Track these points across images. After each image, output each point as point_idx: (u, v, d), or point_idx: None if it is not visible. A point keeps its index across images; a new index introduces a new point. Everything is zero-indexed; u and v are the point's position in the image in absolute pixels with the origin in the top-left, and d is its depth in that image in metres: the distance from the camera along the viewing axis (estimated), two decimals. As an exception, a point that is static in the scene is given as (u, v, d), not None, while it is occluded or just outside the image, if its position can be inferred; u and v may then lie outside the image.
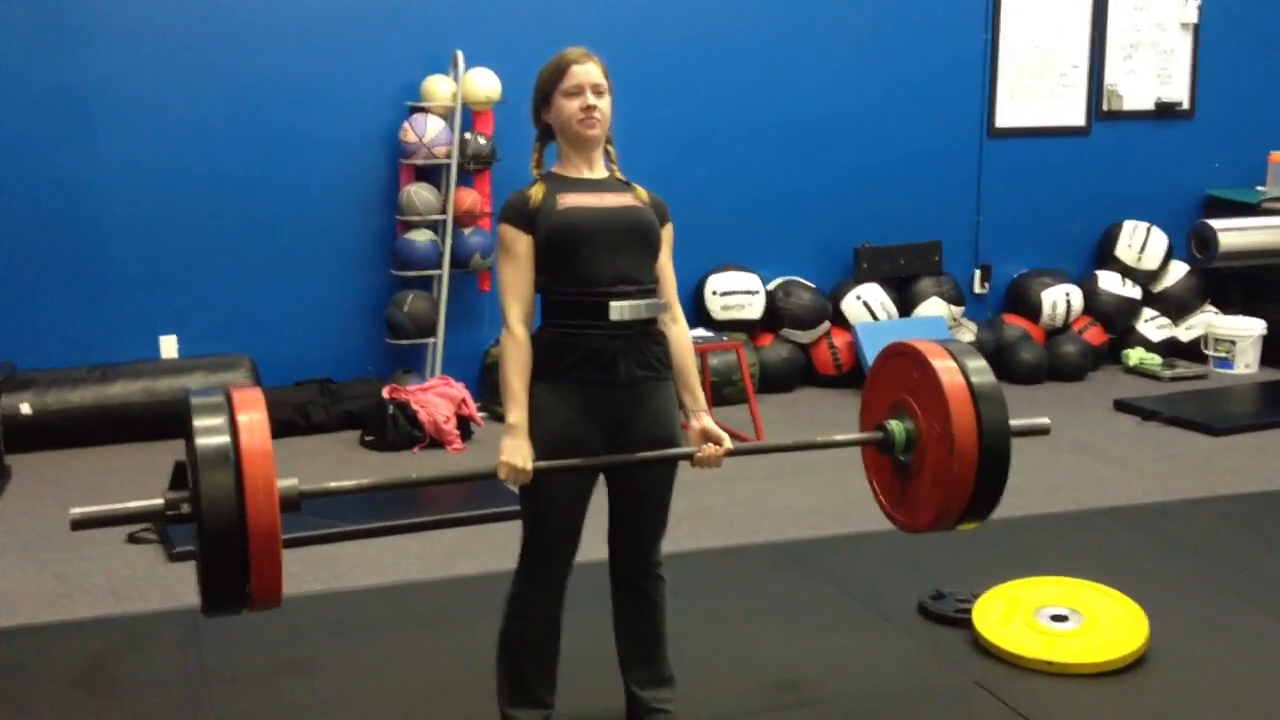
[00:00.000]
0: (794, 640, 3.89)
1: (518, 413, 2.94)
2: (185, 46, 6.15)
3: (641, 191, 3.08)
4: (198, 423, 2.60)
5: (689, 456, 3.05)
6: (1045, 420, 3.30)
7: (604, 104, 3.01)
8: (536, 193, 3.00)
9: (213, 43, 6.18)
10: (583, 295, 2.96)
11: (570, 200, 2.98)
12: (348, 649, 3.85)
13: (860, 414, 3.37)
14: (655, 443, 3.02)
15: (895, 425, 3.15)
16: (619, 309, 2.95)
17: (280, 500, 2.60)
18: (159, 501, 2.66)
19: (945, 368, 3.06)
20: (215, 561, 2.57)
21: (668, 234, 3.11)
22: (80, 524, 2.64)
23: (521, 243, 2.98)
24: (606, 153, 3.09)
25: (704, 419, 3.08)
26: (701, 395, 3.13)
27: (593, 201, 2.99)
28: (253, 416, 2.62)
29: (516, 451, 2.91)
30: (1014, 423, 3.10)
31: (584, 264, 2.95)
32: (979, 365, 3.09)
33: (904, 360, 3.19)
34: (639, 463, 3.02)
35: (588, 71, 3.00)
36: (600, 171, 3.08)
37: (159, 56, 6.13)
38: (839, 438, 3.37)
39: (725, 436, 3.07)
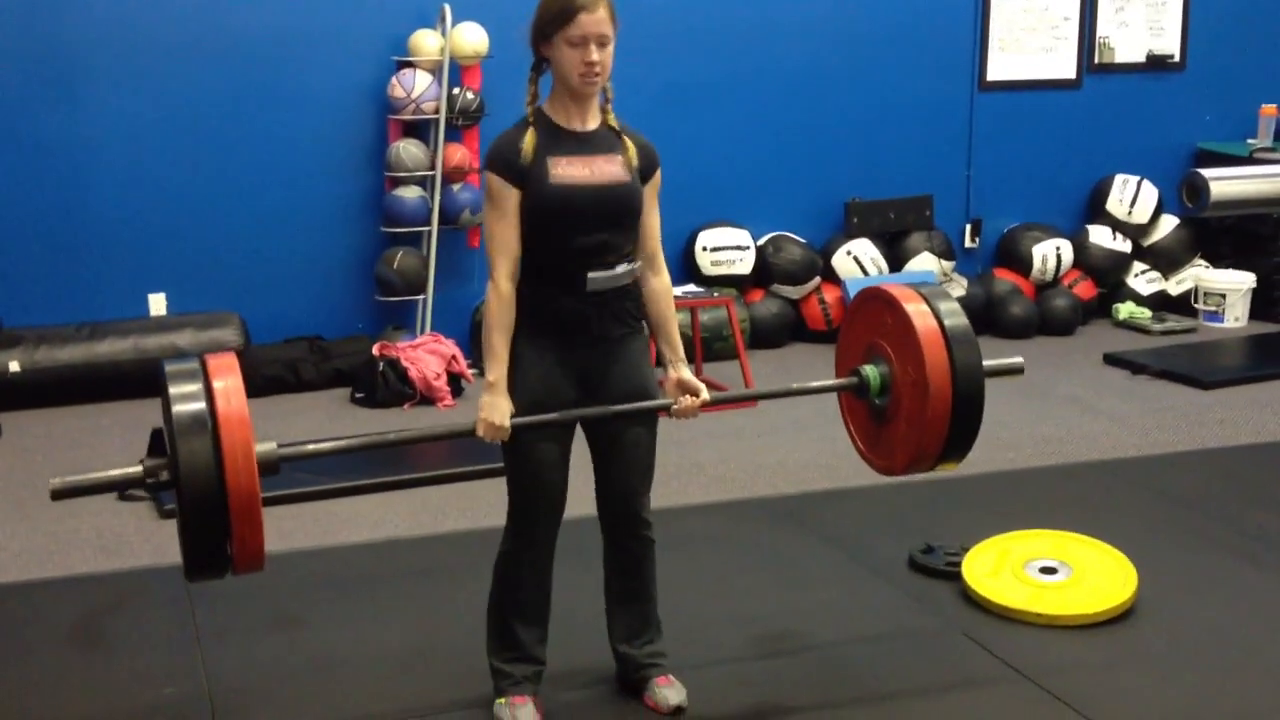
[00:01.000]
0: (784, 593, 3.91)
1: (497, 370, 2.95)
2: (171, 3, 6.09)
3: (631, 146, 3.03)
4: (173, 390, 2.61)
5: (666, 409, 3.06)
6: (1018, 359, 3.31)
7: (607, 55, 2.93)
8: (528, 144, 2.94)
9: (198, -2, 6.14)
10: (562, 262, 2.96)
11: (562, 170, 2.93)
12: (339, 604, 3.87)
13: (836, 359, 3.37)
14: (630, 394, 3.04)
15: (870, 370, 3.16)
16: (595, 280, 2.97)
17: (259, 464, 2.61)
18: (138, 469, 2.67)
19: (917, 310, 3.06)
20: (196, 527, 2.58)
21: (655, 182, 3.07)
22: (60, 494, 2.65)
23: (511, 197, 2.95)
24: (602, 90, 3.02)
25: (682, 370, 3.09)
26: (680, 346, 3.12)
27: (583, 174, 2.94)
28: (228, 382, 2.62)
29: (495, 409, 2.92)
30: (987, 363, 3.12)
31: (568, 238, 2.95)
32: (951, 307, 3.09)
33: (877, 304, 3.20)
34: (615, 415, 3.03)
35: (595, 20, 2.89)
36: (593, 119, 3.02)
37: (145, 13, 6.06)
38: (814, 384, 3.37)
39: (702, 387, 3.08)
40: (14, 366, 5.81)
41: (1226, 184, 6.58)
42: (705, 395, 3.07)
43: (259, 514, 2.60)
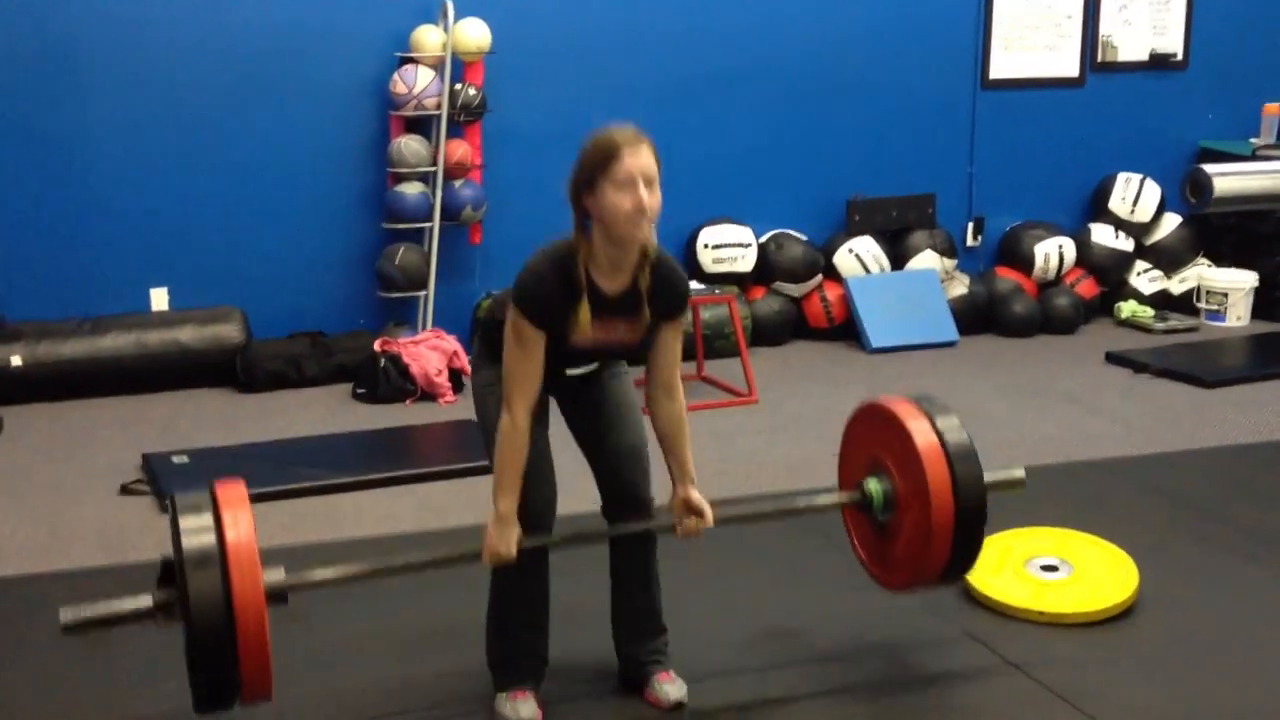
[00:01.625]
0: (785, 590, 3.91)
1: (508, 502, 2.94)
2: (174, -3, 6.11)
3: (648, 311, 2.96)
4: (183, 523, 2.68)
5: (671, 529, 3.12)
6: (1019, 472, 3.37)
7: (655, 197, 2.82)
8: (584, 318, 2.88)
9: (201, -8, 6.13)
10: (552, 366, 2.99)
11: (579, 337, 2.92)
12: (342, 599, 3.85)
13: (838, 470, 3.43)
14: (605, 389, 3.13)
15: (873, 486, 3.22)
16: (572, 375, 3.07)
17: (267, 595, 2.68)
18: (148, 601, 2.76)
19: (919, 427, 3.12)
20: (204, 661, 2.64)
21: (679, 322, 3.04)
22: (71, 628, 2.73)
23: (540, 342, 2.90)
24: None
25: (690, 490, 3.10)
26: (690, 467, 3.13)
27: (599, 336, 2.94)
28: (238, 514, 2.69)
29: (503, 539, 2.95)
30: (988, 477, 3.17)
31: (567, 364, 3.02)
32: (951, 423, 3.15)
33: (879, 419, 3.25)
34: (613, 535, 3.15)
35: (639, 160, 2.78)
36: (627, 274, 2.92)
37: (148, 8, 6.06)
38: (818, 500, 3.41)
39: (708, 510, 3.09)
40: (16, 360, 5.80)
41: (1230, 180, 6.57)
42: (710, 520, 3.09)
43: (267, 647, 2.66)
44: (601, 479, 3.18)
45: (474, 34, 6.25)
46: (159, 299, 6.29)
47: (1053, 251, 7.28)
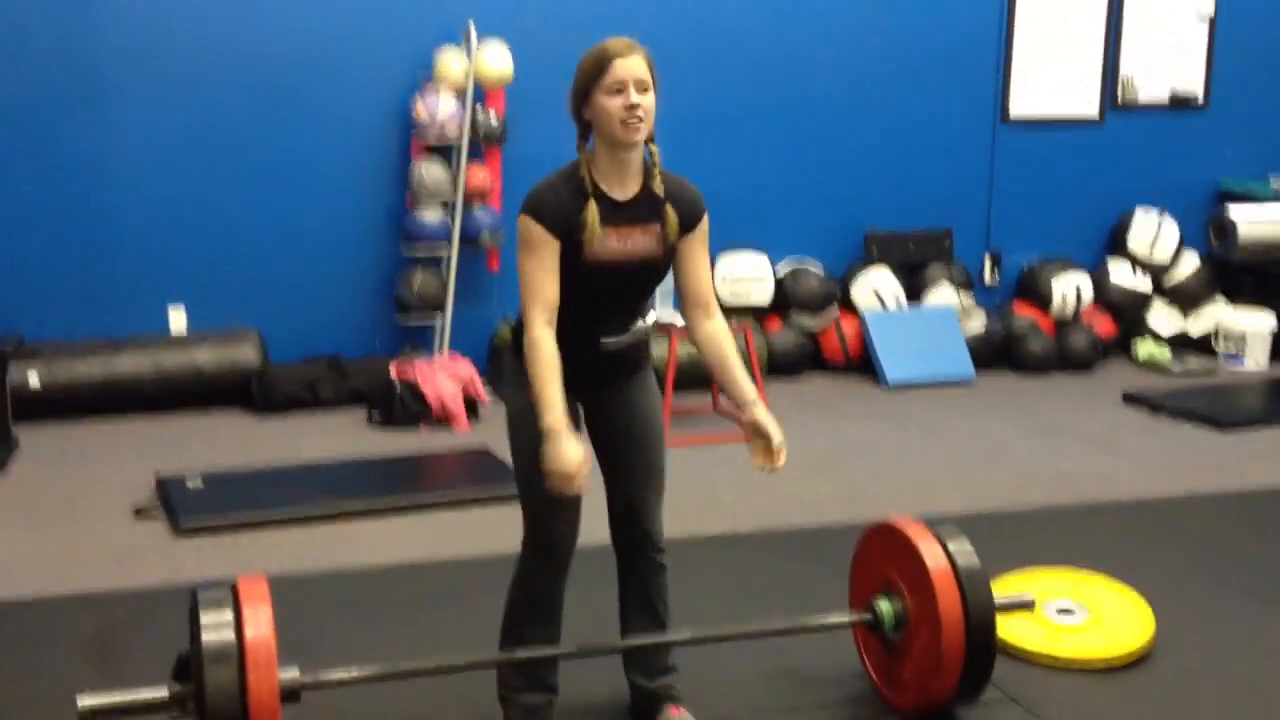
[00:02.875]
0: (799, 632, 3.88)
1: (552, 415, 2.81)
2: (197, 18, 6.12)
3: (672, 214, 2.97)
4: (205, 619, 2.74)
5: (676, 644, 3.21)
6: (1030, 597, 3.44)
7: (648, 101, 2.87)
8: (592, 217, 2.86)
9: (225, 14, 6.15)
10: (579, 325, 2.95)
11: (598, 243, 2.88)
12: (351, 628, 3.85)
13: (850, 588, 3.50)
14: (633, 417, 3.08)
15: (884, 606, 3.27)
16: (609, 343, 3.00)
17: (281, 693, 2.74)
18: (164, 693, 2.81)
19: (930, 550, 3.18)
20: None
21: (700, 232, 3.03)
22: (88, 715, 2.76)
23: (553, 248, 2.88)
24: (648, 147, 2.97)
25: (755, 412, 3.03)
26: (748, 385, 3.07)
27: (616, 247, 2.91)
28: (258, 611, 2.77)
29: (559, 458, 2.79)
30: (998, 600, 3.24)
31: (590, 307, 2.95)
32: (963, 547, 3.21)
33: (890, 540, 3.31)
34: (625, 649, 3.20)
35: (630, 66, 2.85)
36: (635, 181, 2.95)
37: (170, 28, 6.10)
38: (829, 620, 3.43)
39: (777, 438, 3.02)
40: (34, 380, 5.81)
41: (1255, 226, 6.56)
42: (779, 455, 3.03)
43: None
44: (612, 494, 3.16)
45: (497, 64, 6.26)
46: (177, 319, 6.30)
47: (1070, 289, 7.26)
